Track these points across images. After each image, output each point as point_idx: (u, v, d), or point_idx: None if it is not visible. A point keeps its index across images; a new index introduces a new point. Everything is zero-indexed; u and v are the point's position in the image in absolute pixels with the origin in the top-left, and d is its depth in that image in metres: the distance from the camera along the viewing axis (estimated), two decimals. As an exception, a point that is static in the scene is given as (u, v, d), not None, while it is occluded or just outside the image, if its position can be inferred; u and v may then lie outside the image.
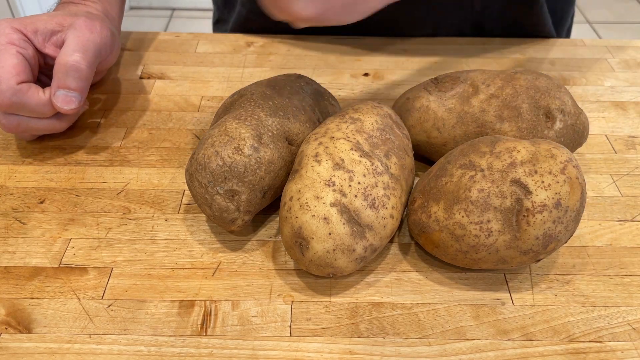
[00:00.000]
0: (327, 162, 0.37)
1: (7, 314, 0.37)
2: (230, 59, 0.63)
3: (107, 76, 0.59)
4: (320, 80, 0.60)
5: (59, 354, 0.35)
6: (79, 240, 0.42)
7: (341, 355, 0.35)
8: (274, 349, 0.35)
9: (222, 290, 0.38)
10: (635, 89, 0.59)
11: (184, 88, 0.58)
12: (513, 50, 0.65)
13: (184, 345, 0.35)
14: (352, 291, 0.39)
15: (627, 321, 0.37)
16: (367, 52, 0.65)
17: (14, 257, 0.40)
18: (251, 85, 0.44)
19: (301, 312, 0.37)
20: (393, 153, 0.39)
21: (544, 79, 0.45)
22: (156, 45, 0.65)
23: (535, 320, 0.37)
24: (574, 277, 0.40)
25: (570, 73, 0.62)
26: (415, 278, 0.40)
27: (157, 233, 0.42)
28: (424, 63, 0.63)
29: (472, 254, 0.36)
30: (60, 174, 0.47)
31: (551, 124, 0.43)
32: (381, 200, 0.37)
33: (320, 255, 0.35)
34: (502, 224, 0.35)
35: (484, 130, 0.44)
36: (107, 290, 0.38)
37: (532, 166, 0.35)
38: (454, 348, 0.35)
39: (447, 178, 0.38)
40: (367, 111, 0.41)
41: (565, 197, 0.35)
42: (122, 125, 0.53)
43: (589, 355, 0.35)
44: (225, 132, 0.39)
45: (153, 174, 0.48)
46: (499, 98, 0.44)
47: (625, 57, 0.65)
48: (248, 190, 0.39)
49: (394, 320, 0.37)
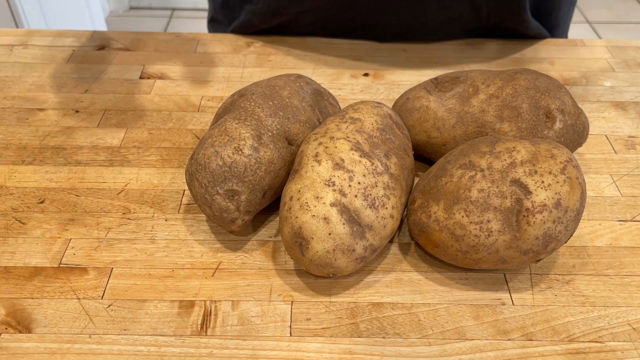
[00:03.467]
0: (327, 162, 0.37)
1: (7, 314, 0.37)
2: (230, 59, 0.63)
3: (107, 76, 0.59)
4: (320, 80, 0.60)
5: (59, 354, 0.34)
6: (79, 240, 0.42)
7: (341, 355, 0.35)
8: (274, 349, 0.35)
9: (222, 290, 0.38)
10: (635, 89, 0.59)
11: (184, 88, 0.58)
12: (513, 50, 0.65)
13: (184, 345, 0.35)
14: (352, 291, 0.39)
15: (627, 321, 0.37)
16: (367, 52, 0.65)
17: (14, 257, 0.40)
18: (251, 85, 0.44)
19: (301, 312, 0.37)
20: (393, 153, 0.39)
21: (544, 79, 0.45)
22: (156, 45, 0.65)
23: (535, 320, 0.37)
24: (574, 277, 0.40)
25: (570, 73, 0.62)
26: (415, 278, 0.40)
27: (157, 233, 0.42)
28: (424, 63, 0.63)
29: (472, 254, 0.36)
30: (60, 174, 0.47)
31: (551, 124, 0.43)
32: (381, 200, 0.37)
33: (320, 255, 0.35)
34: (502, 224, 0.35)
35: (484, 130, 0.44)
36: (107, 290, 0.38)
37: (532, 166, 0.35)
38: (454, 348, 0.35)
39: (447, 178, 0.38)
40: (367, 111, 0.41)
41: (565, 197, 0.35)
42: (122, 125, 0.53)
43: (589, 355, 0.35)
44: (225, 132, 0.39)
45: (153, 174, 0.48)
46: (499, 98, 0.44)
47: (625, 57, 0.65)
48: (248, 190, 0.39)
49: (394, 320, 0.37)
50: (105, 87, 0.58)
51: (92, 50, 0.64)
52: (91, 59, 0.63)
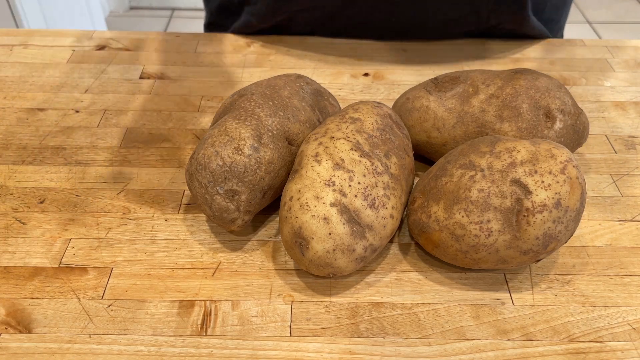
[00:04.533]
0: (327, 162, 0.37)
1: (7, 314, 0.37)
2: (230, 59, 0.63)
3: (107, 76, 0.59)
4: (320, 80, 0.60)
5: (59, 354, 0.34)
6: (79, 240, 0.42)
7: (341, 355, 0.35)
8: (274, 349, 0.35)
9: (222, 290, 0.38)
10: (635, 89, 0.59)
11: (184, 88, 0.58)
12: (513, 51, 0.65)
13: (184, 345, 0.35)
14: (352, 291, 0.39)
15: (627, 321, 0.37)
16: (367, 52, 0.65)
17: (14, 257, 0.40)
18: (251, 85, 0.44)
19: (301, 312, 0.37)
20: (393, 153, 0.39)
21: (544, 79, 0.45)
22: (156, 45, 0.65)
23: (535, 320, 0.37)
24: (574, 277, 0.40)
25: (570, 73, 0.62)
26: (415, 278, 0.40)
27: (157, 233, 0.42)
28: (424, 63, 0.63)
29: (472, 254, 0.36)
30: (60, 174, 0.47)
31: (551, 124, 0.43)
32: (381, 200, 0.37)
33: (320, 255, 0.35)
34: (502, 224, 0.35)
35: (484, 130, 0.44)
36: (107, 290, 0.38)
37: (532, 166, 0.35)
38: (454, 348, 0.35)
39: (447, 178, 0.38)
40: (367, 111, 0.41)
41: (565, 197, 0.35)
42: (122, 125, 0.53)
43: (589, 355, 0.35)
44: (225, 132, 0.39)
45: (153, 174, 0.48)
46: (499, 98, 0.44)
47: (625, 57, 0.65)
48: (248, 190, 0.39)
49: (394, 320, 0.37)
50: (105, 87, 0.58)
51: (92, 50, 0.64)
52: (91, 59, 0.63)
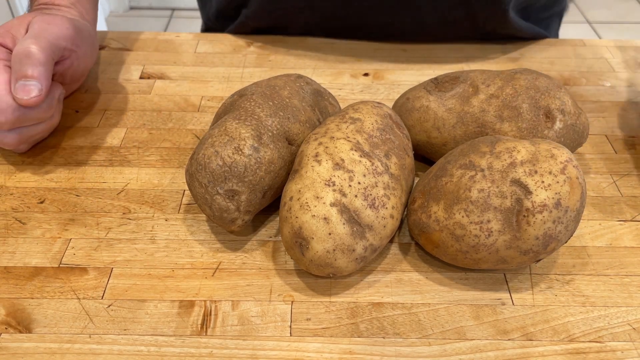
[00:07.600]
0: (327, 162, 0.37)
1: (7, 314, 0.37)
2: (230, 59, 0.63)
3: (107, 76, 0.59)
4: (320, 80, 0.60)
5: (59, 354, 0.34)
6: (79, 240, 0.42)
7: (341, 355, 0.35)
8: (274, 349, 0.35)
9: (222, 290, 0.38)
10: (635, 89, 0.59)
11: (184, 88, 0.58)
12: (513, 50, 0.65)
13: (184, 345, 0.35)
14: (352, 291, 0.39)
15: (627, 321, 0.37)
16: (367, 52, 0.65)
17: (14, 257, 0.40)
18: (251, 85, 0.44)
19: (301, 312, 0.37)
20: (393, 153, 0.39)
21: (544, 79, 0.45)
22: (156, 45, 0.65)
23: (535, 320, 0.37)
24: (574, 277, 0.40)
25: (570, 73, 0.62)
26: (415, 278, 0.40)
27: (157, 233, 0.42)
28: (424, 63, 0.63)
29: (472, 254, 0.36)
30: (60, 174, 0.47)
31: (551, 124, 0.43)
32: (381, 200, 0.37)
33: (320, 255, 0.35)
34: (502, 224, 0.35)
35: (484, 130, 0.44)
36: (107, 290, 0.38)
37: (532, 166, 0.35)
38: (454, 348, 0.35)
39: (447, 178, 0.38)
40: (367, 111, 0.41)
41: (565, 197, 0.35)
42: (122, 125, 0.53)
43: (589, 355, 0.35)
44: (225, 132, 0.39)
45: (153, 174, 0.48)
46: (499, 98, 0.44)
47: (625, 57, 0.65)
48: (248, 190, 0.39)
49: (394, 320, 0.37)
50: (105, 87, 0.58)
51: (92, 50, 0.64)
52: (91, 59, 0.63)
